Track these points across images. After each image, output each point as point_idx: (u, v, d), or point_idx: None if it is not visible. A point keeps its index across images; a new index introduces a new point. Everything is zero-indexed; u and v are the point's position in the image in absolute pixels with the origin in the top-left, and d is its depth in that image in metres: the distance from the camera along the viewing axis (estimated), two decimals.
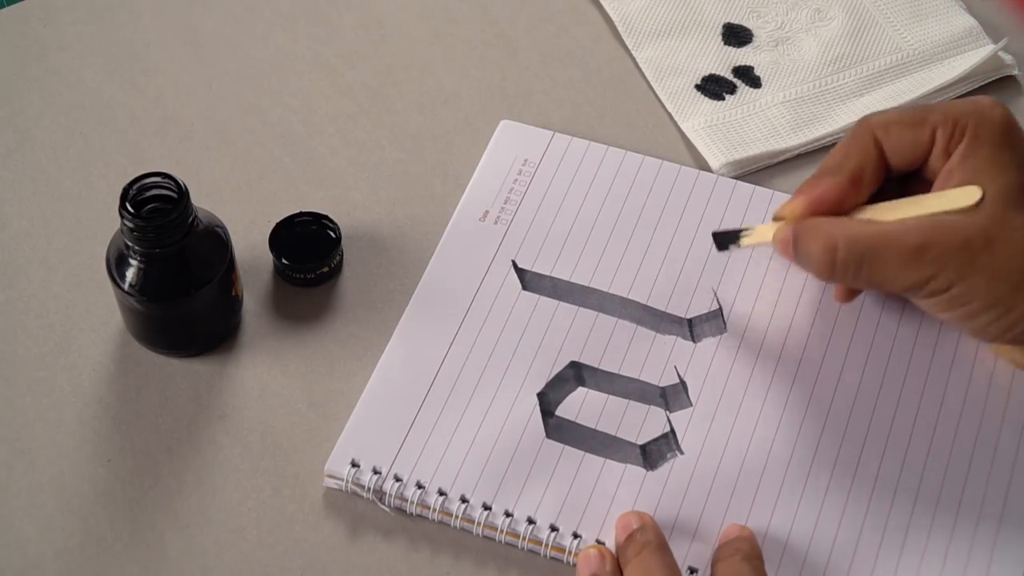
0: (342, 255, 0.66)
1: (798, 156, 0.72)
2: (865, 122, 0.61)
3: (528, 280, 0.65)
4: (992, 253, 0.56)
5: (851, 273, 0.58)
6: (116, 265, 0.59)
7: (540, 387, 0.61)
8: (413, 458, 0.59)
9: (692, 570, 0.56)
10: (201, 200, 0.62)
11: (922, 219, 0.57)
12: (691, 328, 0.63)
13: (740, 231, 0.63)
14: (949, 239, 0.56)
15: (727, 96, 0.74)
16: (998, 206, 0.56)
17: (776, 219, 0.62)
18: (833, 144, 0.72)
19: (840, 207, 0.60)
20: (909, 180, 0.61)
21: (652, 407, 0.61)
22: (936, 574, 0.56)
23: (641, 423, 0.60)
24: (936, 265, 0.56)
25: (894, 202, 0.59)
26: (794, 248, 0.60)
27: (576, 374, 0.61)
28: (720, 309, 0.64)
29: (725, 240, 0.63)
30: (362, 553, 0.57)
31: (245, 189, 0.69)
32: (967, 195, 0.57)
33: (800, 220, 0.60)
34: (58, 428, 0.60)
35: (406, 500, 0.58)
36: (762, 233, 0.62)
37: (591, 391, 0.61)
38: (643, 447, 0.59)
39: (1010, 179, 0.57)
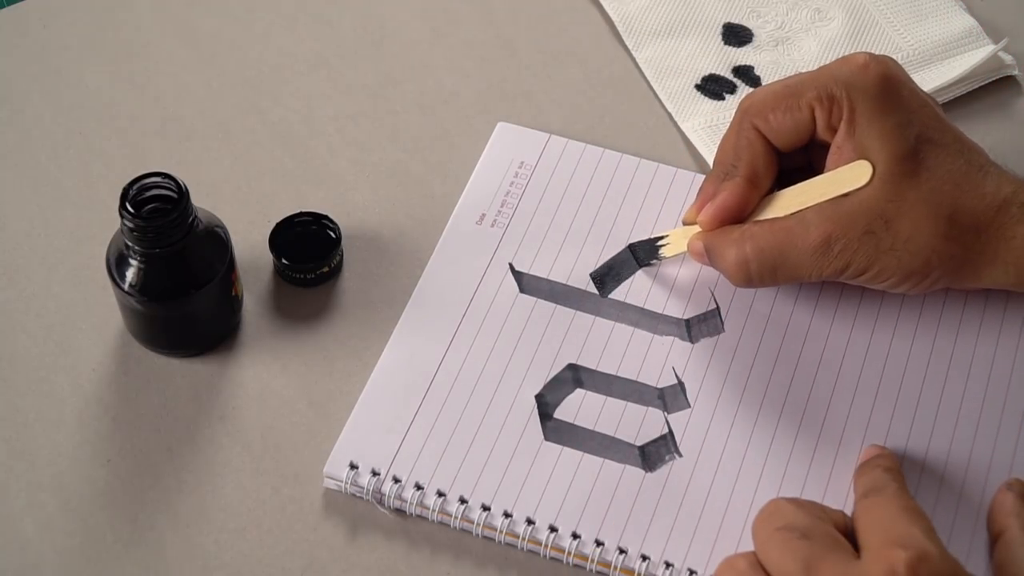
0: (342, 255, 0.66)
1: None
2: (743, 110, 0.62)
3: (525, 283, 0.65)
4: (894, 233, 0.57)
5: (768, 280, 0.60)
6: (116, 265, 0.59)
7: (538, 389, 0.61)
8: (411, 459, 0.59)
9: (692, 571, 0.56)
10: (201, 200, 0.62)
11: (821, 209, 0.58)
12: (688, 329, 0.63)
13: (656, 241, 0.65)
14: (850, 228, 0.58)
15: (727, 96, 0.74)
16: (889, 180, 0.58)
17: (686, 223, 0.64)
18: None
19: (743, 210, 0.61)
20: (811, 148, 0.62)
21: (650, 408, 0.61)
22: None
23: (639, 424, 0.60)
24: (845, 256, 0.58)
25: (793, 189, 0.60)
26: (708, 259, 0.62)
27: (574, 376, 0.61)
28: (717, 309, 0.64)
29: (645, 254, 0.65)
30: (362, 553, 0.57)
31: (245, 189, 0.69)
32: (857, 175, 0.58)
33: (708, 230, 0.62)
34: (58, 428, 0.60)
35: (405, 501, 0.58)
36: (678, 242, 0.64)
37: (589, 393, 0.61)
38: (642, 448, 0.59)
39: (897, 146, 0.58)
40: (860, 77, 0.59)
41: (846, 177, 0.58)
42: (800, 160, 0.63)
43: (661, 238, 0.65)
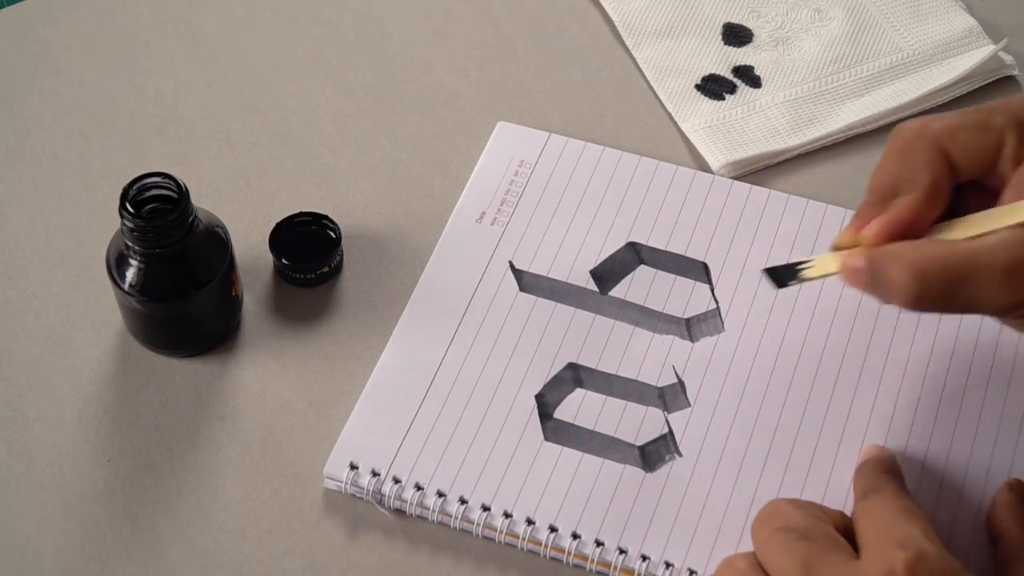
0: (342, 255, 0.66)
1: (798, 156, 0.72)
2: (922, 131, 0.57)
3: (525, 281, 0.65)
4: None
5: (943, 299, 0.53)
6: (116, 265, 0.59)
7: (538, 388, 0.61)
8: (411, 459, 0.59)
9: (692, 571, 0.56)
10: (201, 200, 0.62)
11: (1009, 235, 0.52)
12: (689, 328, 0.63)
13: (796, 265, 0.59)
14: None
15: (727, 96, 0.74)
16: None
17: (836, 249, 0.58)
18: (833, 145, 0.72)
19: (918, 228, 0.55)
20: (963, 190, 0.57)
21: (650, 408, 0.61)
22: None
23: (639, 424, 0.60)
24: None
25: (965, 218, 0.55)
26: (869, 277, 0.55)
27: (574, 375, 0.61)
28: (718, 308, 0.64)
29: (783, 277, 0.59)
30: (362, 553, 0.57)
31: (245, 189, 0.69)
32: None
33: (873, 247, 0.55)
34: (58, 428, 0.60)
35: (405, 501, 0.58)
36: (824, 265, 0.58)
37: (589, 392, 0.61)
38: (642, 448, 0.59)
39: None
40: None
41: None
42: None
43: (803, 262, 0.59)
